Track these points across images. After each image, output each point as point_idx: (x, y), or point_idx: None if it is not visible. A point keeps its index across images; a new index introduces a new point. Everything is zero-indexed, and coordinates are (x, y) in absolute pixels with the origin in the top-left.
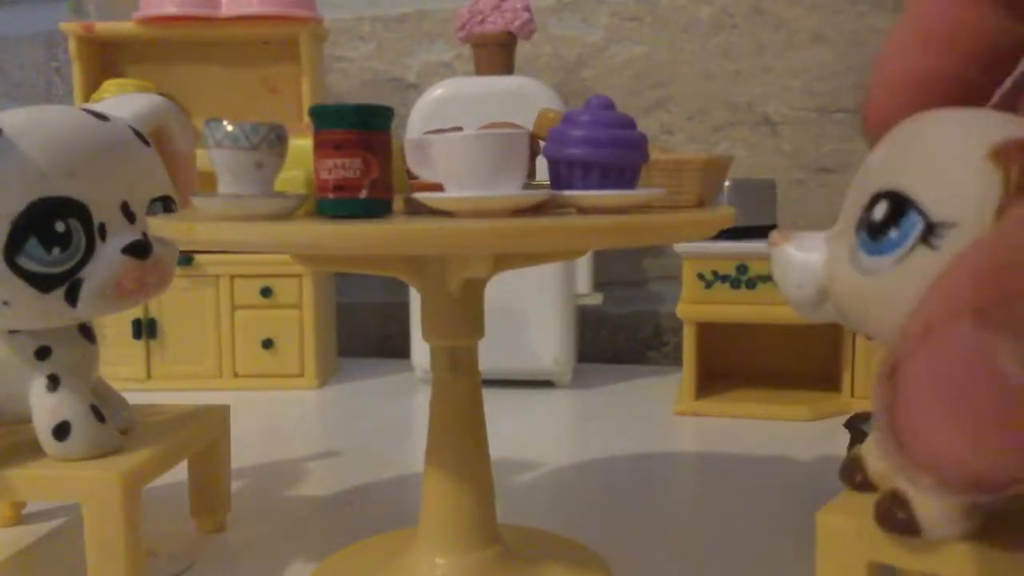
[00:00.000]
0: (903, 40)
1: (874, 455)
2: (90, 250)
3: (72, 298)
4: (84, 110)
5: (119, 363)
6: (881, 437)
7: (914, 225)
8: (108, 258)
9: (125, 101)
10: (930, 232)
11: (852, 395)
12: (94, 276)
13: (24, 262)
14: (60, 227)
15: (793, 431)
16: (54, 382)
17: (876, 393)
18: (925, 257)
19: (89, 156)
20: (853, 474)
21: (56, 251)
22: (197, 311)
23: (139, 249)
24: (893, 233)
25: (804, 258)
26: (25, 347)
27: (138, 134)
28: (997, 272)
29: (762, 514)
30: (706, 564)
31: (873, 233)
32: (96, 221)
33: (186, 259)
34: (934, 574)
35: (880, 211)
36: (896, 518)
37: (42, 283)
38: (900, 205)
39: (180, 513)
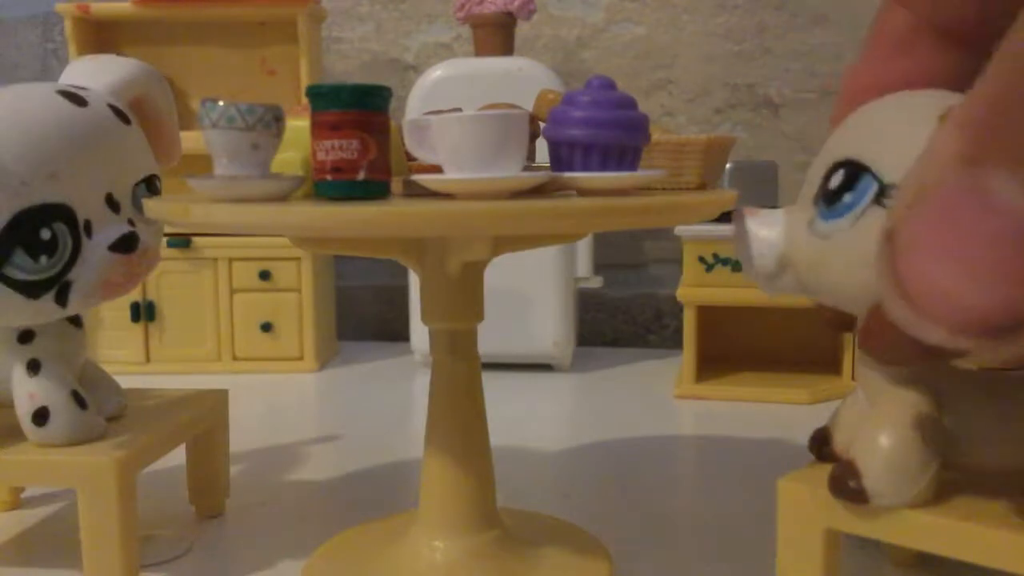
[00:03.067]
0: (866, 54)
1: (841, 426)
2: (77, 250)
3: (62, 299)
4: (61, 93)
5: (117, 346)
6: (889, 304)
7: (868, 188)
8: (96, 258)
9: (101, 68)
10: (883, 193)
11: (853, 378)
12: (83, 277)
13: (11, 272)
14: (46, 235)
15: (793, 414)
16: (35, 367)
17: (878, 264)
18: (879, 216)
19: (71, 155)
20: (820, 446)
21: (44, 259)
22: (195, 294)
23: (127, 244)
24: (847, 197)
25: (766, 232)
26: (7, 331)
27: (118, 112)
28: (982, 113)
29: (762, 498)
30: (705, 548)
31: (829, 200)
32: (81, 220)
33: (184, 242)
34: (886, 541)
35: (836, 179)
36: (846, 486)
37: (31, 290)
38: (854, 171)
39: (179, 497)
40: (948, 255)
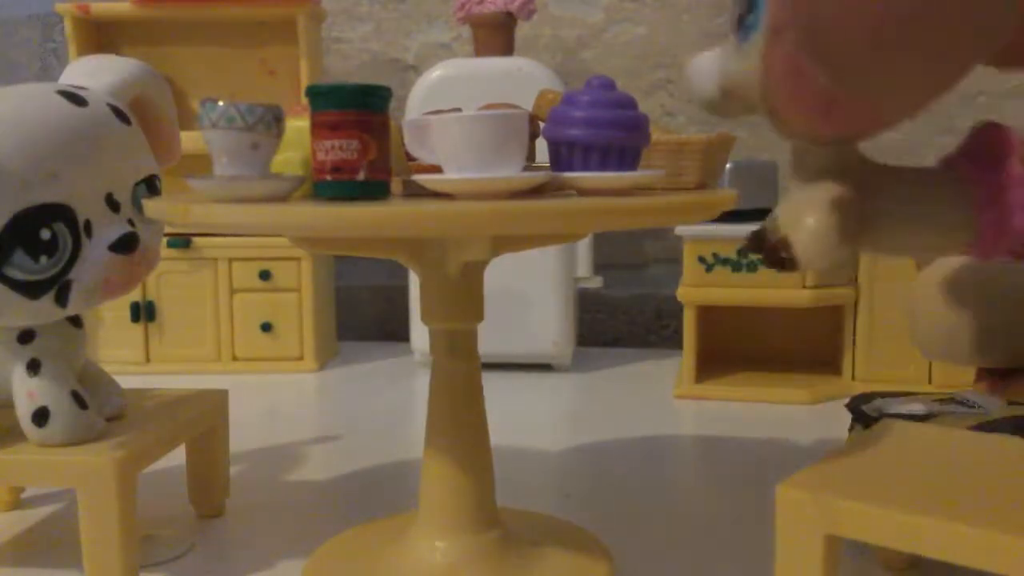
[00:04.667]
0: None
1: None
2: (77, 249)
3: (62, 299)
4: (61, 93)
5: (117, 346)
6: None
7: (761, 5)
8: (96, 257)
9: (102, 67)
10: None
11: (853, 378)
12: (83, 277)
13: (12, 272)
14: (46, 235)
15: (793, 414)
16: (35, 367)
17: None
18: None
19: (71, 155)
20: (759, 241)
21: (43, 259)
22: (196, 294)
23: (127, 244)
24: (750, 19)
25: (704, 65)
26: (7, 331)
27: (118, 112)
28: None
29: (761, 497)
30: (705, 547)
31: (737, 27)
32: (81, 220)
33: (184, 242)
34: (886, 546)
35: (738, 8)
36: (780, 257)
37: (31, 290)
38: None
39: (179, 497)
40: (789, 95)
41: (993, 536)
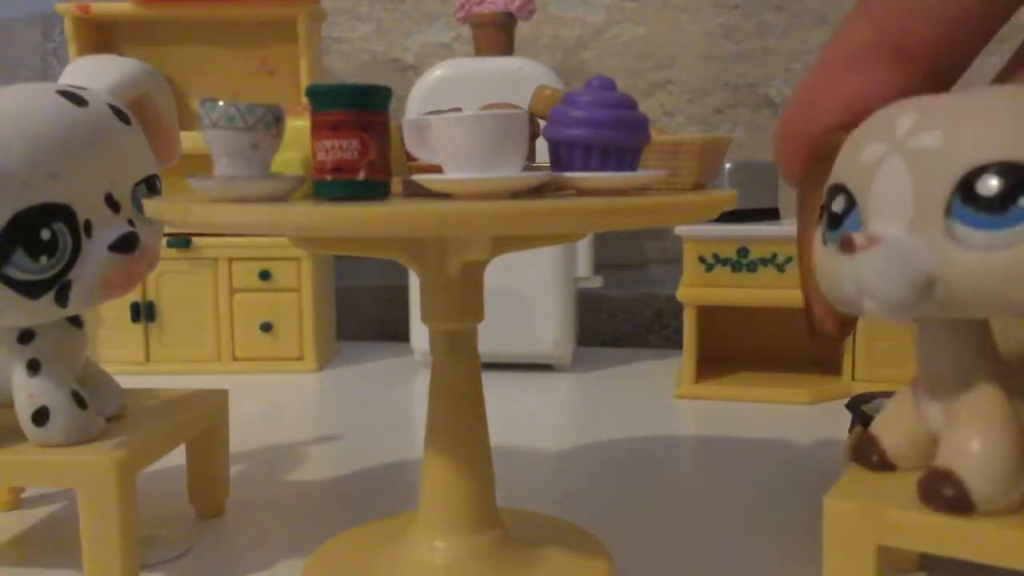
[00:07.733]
0: (823, 67)
1: (891, 432)
2: (77, 250)
3: (62, 299)
4: (61, 93)
5: (117, 346)
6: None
7: None
8: (95, 258)
9: (101, 68)
10: None
11: (853, 378)
12: (83, 278)
13: (11, 272)
14: (46, 235)
15: (794, 414)
16: (35, 367)
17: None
18: None
19: (71, 155)
20: (868, 454)
21: (44, 259)
22: (195, 294)
23: (126, 244)
24: (1023, 200)
25: (905, 254)
26: (7, 331)
27: (118, 112)
28: None
29: (762, 497)
30: (706, 547)
31: (989, 208)
32: (81, 220)
33: (184, 242)
34: (939, 554)
35: (990, 185)
36: (944, 496)
37: (30, 290)
38: (1018, 173)
39: (178, 497)
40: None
41: None
